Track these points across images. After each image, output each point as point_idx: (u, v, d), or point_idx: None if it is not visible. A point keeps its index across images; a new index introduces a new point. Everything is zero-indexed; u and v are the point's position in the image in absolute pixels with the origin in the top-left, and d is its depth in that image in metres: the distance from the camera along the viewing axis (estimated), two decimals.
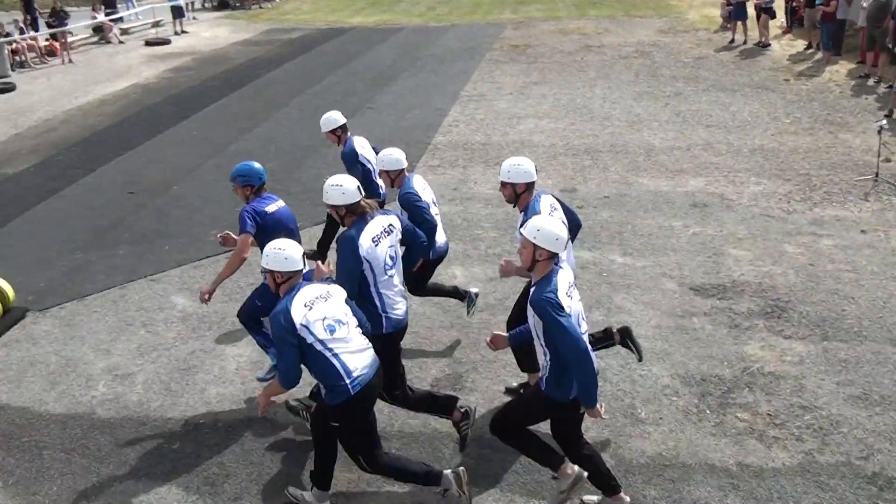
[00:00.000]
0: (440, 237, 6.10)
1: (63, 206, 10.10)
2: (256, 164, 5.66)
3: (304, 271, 4.42)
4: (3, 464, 5.23)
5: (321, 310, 4.14)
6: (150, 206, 9.93)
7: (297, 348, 4.07)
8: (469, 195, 9.64)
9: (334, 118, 7.37)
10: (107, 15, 24.48)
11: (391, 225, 4.85)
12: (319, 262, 4.67)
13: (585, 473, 4.26)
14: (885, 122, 9.79)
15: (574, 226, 5.13)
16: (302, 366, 4.17)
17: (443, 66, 17.70)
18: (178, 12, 25.17)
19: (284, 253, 4.26)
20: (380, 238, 4.71)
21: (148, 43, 23.19)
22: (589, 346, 4.00)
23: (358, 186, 4.73)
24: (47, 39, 21.70)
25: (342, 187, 4.67)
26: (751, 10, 18.13)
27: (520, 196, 4.96)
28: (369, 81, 16.57)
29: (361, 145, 7.24)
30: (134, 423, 5.57)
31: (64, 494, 4.91)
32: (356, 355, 4.20)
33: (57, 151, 12.59)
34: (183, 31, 24.96)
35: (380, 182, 6.80)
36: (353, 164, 7.04)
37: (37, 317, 7.28)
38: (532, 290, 4.11)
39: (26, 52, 20.51)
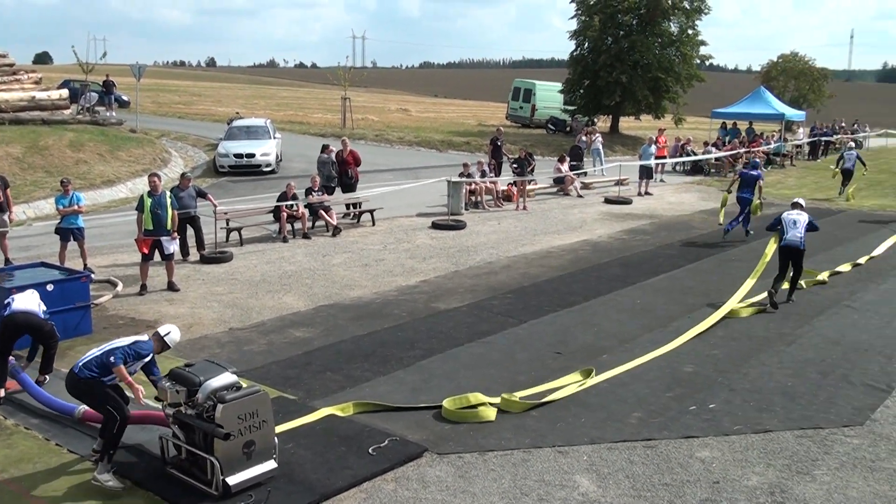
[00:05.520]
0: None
1: (484, 352, 11.16)
2: None
3: None
4: None
5: None
6: (573, 370, 10.43)
7: None
8: None
9: None
10: (571, 168, 27.24)
11: None
12: None
13: None
14: None
15: None
16: None
17: None
18: (646, 173, 27.07)
19: None
20: None
21: (608, 200, 25.25)
22: None
23: None
24: (508, 185, 24.77)
25: None
26: None
27: None
28: (851, 278, 15.80)
29: None
30: None
31: None
32: None
33: (493, 296, 14.09)
34: (647, 193, 26.71)
35: None
36: None
37: (433, 459, 8.04)
38: None
39: (483, 194, 23.67)
